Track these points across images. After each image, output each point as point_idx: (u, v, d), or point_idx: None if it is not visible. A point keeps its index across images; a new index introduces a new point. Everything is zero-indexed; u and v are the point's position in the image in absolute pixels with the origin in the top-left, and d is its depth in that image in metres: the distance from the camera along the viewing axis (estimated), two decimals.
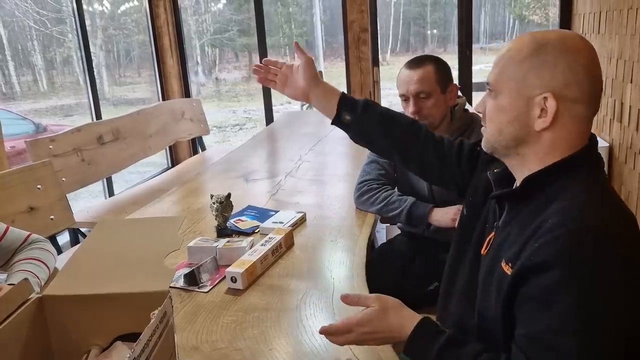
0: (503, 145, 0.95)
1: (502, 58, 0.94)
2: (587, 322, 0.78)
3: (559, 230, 0.81)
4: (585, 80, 0.88)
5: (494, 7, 18.52)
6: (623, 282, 0.79)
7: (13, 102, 8.91)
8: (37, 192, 2.12)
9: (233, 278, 1.29)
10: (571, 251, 0.80)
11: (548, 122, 0.89)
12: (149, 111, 3.88)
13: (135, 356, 0.76)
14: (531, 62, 0.89)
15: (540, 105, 0.89)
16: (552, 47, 0.89)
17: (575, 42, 0.90)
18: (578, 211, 0.83)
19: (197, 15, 15.08)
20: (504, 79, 0.92)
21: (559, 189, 0.88)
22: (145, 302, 0.91)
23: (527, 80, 0.89)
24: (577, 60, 0.88)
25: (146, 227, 1.18)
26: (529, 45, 0.90)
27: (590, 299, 0.78)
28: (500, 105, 0.93)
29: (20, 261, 1.34)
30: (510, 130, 0.93)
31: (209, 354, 1.04)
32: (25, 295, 0.93)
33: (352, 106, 1.28)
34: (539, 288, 0.82)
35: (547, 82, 0.88)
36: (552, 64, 0.88)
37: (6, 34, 10.01)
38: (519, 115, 0.91)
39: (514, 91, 0.91)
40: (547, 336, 0.80)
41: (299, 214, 1.73)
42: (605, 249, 0.79)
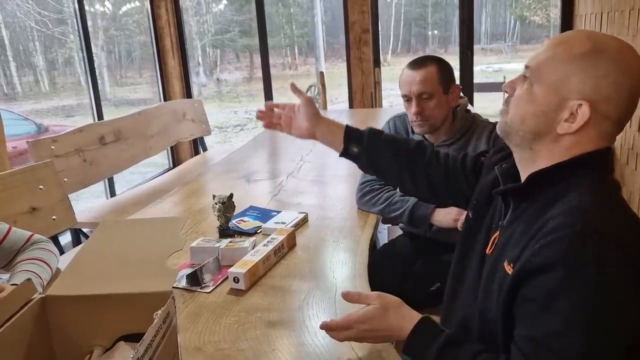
0: (520, 135, 0.92)
1: (551, 48, 0.89)
2: (588, 326, 0.77)
3: (563, 231, 0.80)
4: (625, 100, 0.86)
5: (495, 8, 18.53)
6: (627, 286, 0.78)
7: (15, 102, 8.92)
8: (39, 193, 2.12)
9: (235, 278, 1.29)
10: (574, 253, 0.78)
11: (574, 129, 0.86)
12: (150, 112, 3.88)
13: (138, 356, 0.76)
14: (581, 64, 0.85)
15: (571, 109, 0.86)
16: (608, 56, 0.85)
17: (633, 59, 0.86)
18: (583, 213, 0.81)
19: (198, 16, 15.11)
20: (546, 70, 0.88)
21: (565, 188, 0.87)
22: (148, 302, 0.91)
23: (569, 80, 0.86)
24: (628, 79, 0.85)
25: (148, 228, 1.18)
26: (584, 46, 0.86)
27: (593, 302, 0.77)
28: (532, 95, 0.89)
29: (22, 261, 1.34)
30: (533, 124, 0.90)
31: (212, 354, 1.04)
32: (28, 296, 0.93)
33: (358, 138, 1.28)
34: (539, 289, 0.81)
35: (589, 90, 0.85)
36: (602, 74, 0.84)
37: (8, 35, 10.03)
38: (547, 111, 0.88)
39: (552, 86, 0.87)
40: (547, 338, 0.80)
41: (301, 215, 1.73)
42: (609, 252, 0.78)
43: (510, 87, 0.95)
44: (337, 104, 8.57)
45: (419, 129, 1.76)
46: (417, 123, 1.74)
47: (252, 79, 15.59)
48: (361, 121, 3.86)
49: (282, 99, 6.17)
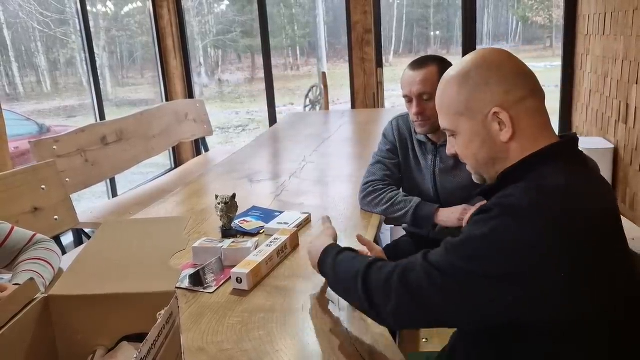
0: (486, 170, 0.99)
1: (441, 103, 1.00)
2: (471, 257, 0.84)
3: (510, 197, 0.86)
4: (518, 79, 0.93)
5: (497, 9, 18.50)
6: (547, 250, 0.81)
7: (17, 103, 8.93)
8: (42, 193, 2.12)
9: (238, 279, 1.28)
10: (510, 200, 0.85)
11: (511, 131, 0.92)
12: (152, 112, 3.88)
13: (142, 356, 0.76)
14: (466, 91, 0.95)
15: (495, 120, 0.93)
16: (475, 71, 0.94)
17: (491, 55, 0.96)
18: (535, 191, 0.86)
19: (200, 16, 15.11)
20: (453, 119, 0.98)
21: (528, 180, 0.90)
22: (152, 302, 0.90)
23: (471, 108, 0.95)
24: (502, 68, 0.94)
25: (151, 228, 1.17)
26: (455, 79, 0.97)
27: (490, 241, 0.83)
28: (466, 140, 0.98)
29: (25, 261, 1.34)
30: (484, 154, 0.97)
31: (215, 355, 1.03)
32: (30, 295, 0.92)
33: None
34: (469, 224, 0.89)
35: (489, 100, 0.93)
36: (484, 84, 0.93)
37: (10, 35, 10.04)
38: (484, 138, 0.95)
39: (468, 123, 0.96)
40: (428, 257, 0.90)
41: (304, 215, 1.73)
42: (542, 206, 0.82)
43: (451, 149, 1.04)
44: (339, 105, 8.56)
45: (421, 129, 1.75)
46: (418, 123, 1.73)
47: (253, 80, 15.59)
48: (363, 122, 3.85)
49: (285, 99, 6.16)
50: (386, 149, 1.89)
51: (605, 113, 3.62)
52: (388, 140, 1.90)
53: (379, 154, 1.90)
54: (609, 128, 3.55)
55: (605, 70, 3.57)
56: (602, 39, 3.64)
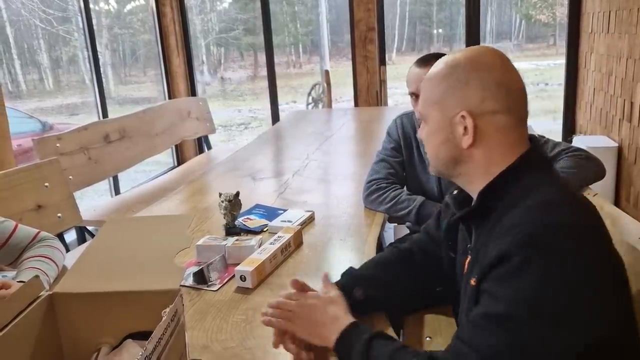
0: (443, 167, 0.98)
1: (424, 85, 0.99)
2: (531, 311, 0.76)
3: (519, 227, 0.81)
4: (499, 92, 0.90)
5: (501, 7, 18.44)
6: (579, 280, 0.77)
7: (19, 100, 8.94)
8: (45, 190, 2.12)
9: (242, 277, 1.28)
10: (530, 242, 0.79)
11: (472, 139, 0.91)
12: (155, 110, 3.88)
13: (147, 354, 0.76)
14: (446, 84, 0.93)
15: (461, 123, 0.92)
16: (462, 67, 0.92)
17: (486, 58, 0.93)
18: (539, 211, 0.82)
19: (202, 14, 15.10)
20: (427, 105, 0.97)
21: (515, 196, 0.87)
22: (156, 300, 0.90)
23: (445, 102, 0.94)
24: (489, 75, 0.91)
25: (155, 225, 1.17)
26: (442, 69, 0.95)
27: (541, 290, 0.77)
28: (431, 130, 0.98)
29: (29, 258, 1.34)
30: (444, 152, 0.96)
31: (220, 353, 1.03)
32: (36, 293, 0.92)
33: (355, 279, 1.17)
34: (492, 279, 0.82)
35: (462, 101, 0.91)
36: (464, 83, 0.91)
37: (13, 33, 10.04)
38: (447, 136, 0.94)
39: (438, 114, 0.95)
40: (483, 320, 0.80)
41: (308, 213, 1.72)
42: (564, 244, 0.78)
43: (420, 132, 1.04)
44: (341, 103, 8.55)
45: None
46: None
47: (256, 78, 15.57)
48: (367, 120, 3.85)
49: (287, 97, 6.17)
50: (390, 147, 1.89)
51: (609, 111, 3.61)
52: (392, 138, 1.90)
53: (383, 152, 1.90)
54: (613, 126, 3.54)
55: (610, 69, 3.56)
56: (607, 37, 3.62)
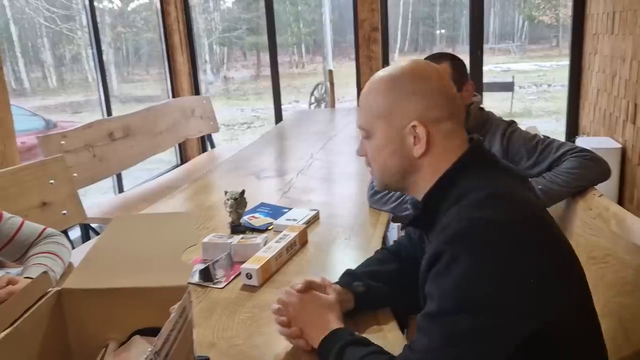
0: (393, 180, 0.99)
1: (364, 101, 0.99)
2: (467, 304, 0.78)
3: (449, 226, 0.83)
4: (441, 99, 0.94)
5: (504, 8, 18.44)
6: (505, 271, 0.79)
7: (23, 98, 8.96)
8: (50, 188, 2.12)
9: (248, 274, 1.28)
10: (456, 237, 0.81)
11: (424, 147, 0.93)
12: (159, 108, 3.88)
13: (156, 350, 0.76)
14: (391, 96, 0.94)
15: (412, 133, 0.93)
16: (405, 79, 0.94)
17: (424, 69, 0.96)
18: (468, 208, 0.84)
19: (206, 13, 15.12)
20: (372, 119, 0.97)
21: (453, 198, 0.89)
22: (164, 296, 0.90)
23: (393, 113, 0.94)
24: (430, 84, 0.94)
25: (163, 223, 1.18)
26: (384, 81, 0.96)
27: (468, 282, 0.78)
28: (378, 144, 0.97)
29: (35, 255, 1.34)
30: (394, 164, 0.97)
31: (226, 350, 1.04)
32: (44, 288, 0.92)
33: (354, 277, 1.17)
34: (430, 279, 0.84)
35: (411, 111, 0.93)
36: (410, 94, 0.93)
37: (17, 31, 10.06)
38: (396, 147, 0.95)
39: (386, 126, 0.95)
40: (420, 320, 0.83)
41: (313, 212, 1.73)
42: (494, 236, 0.80)
43: (361, 150, 1.04)
44: (344, 103, 8.56)
45: None
46: None
47: (259, 77, 15.60)
48: None
49: (290, 97, 6.17)
50: None
51: (613, 113, 3.60)
52: None
53: None
54: (617, 128, 3.54)
55: (614, 70, 3.55)
56: (611, 38, 3.62)
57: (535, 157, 1.63)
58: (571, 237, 1.50)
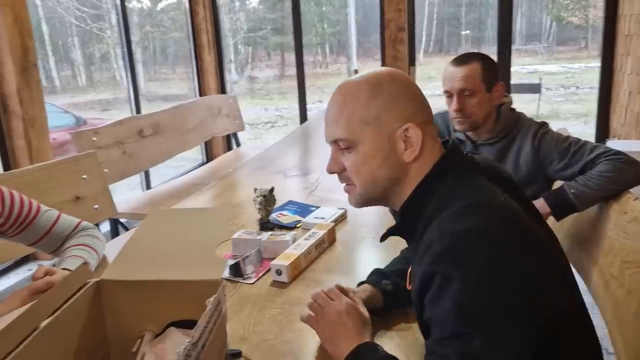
0: (379, 192, 0.95)
1: (341, 111, 0.93)
2: (466, 324, 0.76)
3: (432, 245, 0.81)
4: (422, 102, 0.93)
5: (531, 9, 18.18)
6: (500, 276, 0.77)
7: (54, 95, 9.17)
8: (83, 182, 2.17)
9: (278, 271, 1.30)
10: (442, 257, 0.79)
11: (417, 151, 0.90)
12: (187, 106, 3.94)
13: (194, 341, 0.78)
14: (377, 102, 0.90)
15: (402, 137, 0.90)
16: (387, 83, 0.91)
17: (400, 74, 0.95)
18: (447, 223, 0.82)
19: (231, 13, 15.25)
20: (356, 128, 0.91)
21: (432, 208, 0.87)
22: (199, 290, 0.92)
23: (380, 119, 0.90)
24: (410, 89, 0.93)
25: (197, 217, 1.19)
26: (366, 88, 0.91)
27: (466, 299, 0.76)
28: (365, 154, 0.92)
29: (71, 247, 1.38)
30: (384, 173, 0.92)
31: (257, 344, 1.05)
32: (84, 279, 0.95)
33: (382, 275, 1.20)
34: (427, 304, 0.81)
35: (401, 115, 0.90)
36: (396, 98, 0.91)
37: (48, 30, 10.30)
38: (387, 154, 0.91)
39: (374, 134, 0.91)
40: (432, 346, 0.80)
41: (340, 211, 1.73)
42: (479, 248, 0.78)
43: (335, 166, 0.98)
44: None
45: (459, 126, 1.74)
46: (457, 120, 1.72)
47: (283, 77, 15.66)
48: None
49: (314, 97, 6.16)
50: None
51: None
52: None
53: None
54: None
55: None
56: None
57: (567, 159, 1.60)
58: (604, 241, 1.48)
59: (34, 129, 2.91)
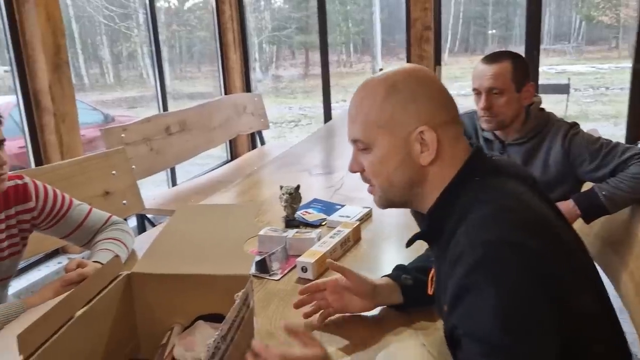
0: (398, 194, 0.92)
1: (358, 111, 0.92)
2: (506, 336, 0.73)
3: (464, 256, 0.78)
4: (444, 101, 0.90)
5: (560, 7, 17.84)
6: (532, 287, 0.75)
7: (83, 93, 9.36)
8: (112, 178, 2.22)
9: (304, 267, 1.30)
10: (475, 269, 0.76)
11: (434, 154, 0.87)
12: (213, 104, 3.98)
13: (223, 334, 0.79)
14: (391, 104, 0.88)
15: (418, 140, 0.87)
16: (405, 83, 0.89)
17: (421, 72, 0.91)
18: (480, 229, 0.79)
19: (256, 12, 15.34)
20: (372, 129, 0.90)
21: (460, 210, 0.84)
22: (227, 284, 0.94)
23: (396, 121, 0.88)
24: (431, 87, 0.89)
25: (225, 213, 1.21)
26: (381, 89, 0.89)
27: (505, 312, 0.74)
28: (381, 156, 0.90)
29: (102, 240, 1.41)
30: (401, 176, 0.90)
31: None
32: (116, 271, 0.97)
33: (404, 270, 1.19)
34: (462, 322, 0.79)
35: (416, 117, 0.87)
36: (412, 99, 0.88)
37: (78, 29, 10.52)
38: (403, 157, 0.89)
39: (388, 137, 0.89)
40: None
41: (365, 209, 1.73)
42: (511, 260, 0.75)
43: (356, 166, 0.96)
44: None
45: (487, 125, 1.72)
46: (484, 119, 1.70)
47: (307, 76, 15.69)
48: None
49: (338, 96, 6.13)
50: None
51: None
52: None
53: None
54: None
55: None
56: None
57: (598, 161, 1.58)
58: (635, 244, 1.45)
59: (64, 124, 2.98)
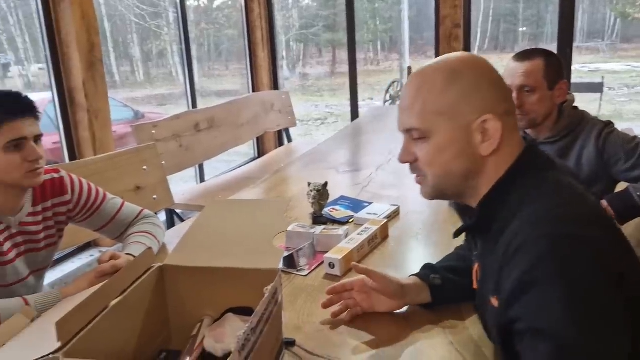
0: (453, 185, 0.89)
1: (414, 99, 0.88)
2: (580, 333, 0.70)
3: (530, 248, 0.75)
4: (505, 91, 0.88)
5: (593, 4, 17.43)
6: (600, 282, 0.72)
7: (114, 90, 9.56)
8: (143, 173, 2.26)
9: (331, 264, 1.31)
10: (541, 261, 0.73)
11: (496, 144, 0.85)
12: (241, 102, 4.02)
13: (252, 327, 0.80)
14: (454, 91, 0.85)
15: (479, 129, 0.85)
16: (467, 71, 0.86)
17: (480, 60, 0.89)
18: (543, 222, 0.77)
19: (284, 10, 15.41)
20: (431, 117, 0.86)
21: (515, 204, 0.82)
22: (257, 278, 0.95)
23: (457, 110, 0.85)
24: (492, 76, 0.88)
25: (254, 208, 1.23)
26: (442, 76, 0.86)
27: (575, 305, 0.71)
28: (439, 145, 0.87)
29: (134, 234, 1.44)
30: (459, 166, 0.87)
31: (311, 334, 1.07)
32: (149, 263, 1.00)
33: (432, 270, 1.18)
34: (527, 317, 0.75)
35: (480, 105, 0.85)
36: (476, 87, 0.85)
37: (109, 27, 10.74)
38: (463, 147, 0.86)
39: (448, 125, 0.86)
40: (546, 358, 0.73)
41: (393, 207, 1.73)
42: (579, 254, 0.73)
43: (408, 156, 0.92)
44: None
45: (518, 124, 1.69)
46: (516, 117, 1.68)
47: (334, 74, 15.69)
48: None
49: (364, 94, 6.11)
50: None
51: None
52: None
53: None
54: None
55: None
56: None
57: (634, 160, 1.54)
58: None
59: (98, 121, 3.05)
